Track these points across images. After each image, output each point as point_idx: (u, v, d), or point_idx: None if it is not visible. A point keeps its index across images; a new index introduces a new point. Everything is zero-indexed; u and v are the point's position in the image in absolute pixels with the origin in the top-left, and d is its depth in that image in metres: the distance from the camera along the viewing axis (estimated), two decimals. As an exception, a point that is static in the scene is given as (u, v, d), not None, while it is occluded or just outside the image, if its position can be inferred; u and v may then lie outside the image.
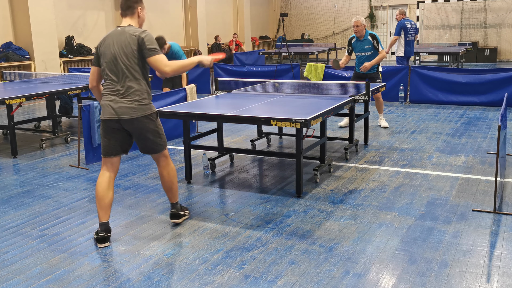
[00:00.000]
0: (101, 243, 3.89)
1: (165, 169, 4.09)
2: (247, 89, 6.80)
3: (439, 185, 5.13)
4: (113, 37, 3.87)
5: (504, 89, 9.40)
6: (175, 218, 4.26)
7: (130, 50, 3.80)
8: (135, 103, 3.82)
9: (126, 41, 3.80)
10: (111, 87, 3.86)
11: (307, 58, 17.08)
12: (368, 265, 3.49)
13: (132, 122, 3.84)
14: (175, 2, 17.33)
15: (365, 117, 6.93)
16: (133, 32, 3.82)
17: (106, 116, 3.87)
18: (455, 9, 19.62)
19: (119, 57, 3.81)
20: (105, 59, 3.87)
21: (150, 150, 4.01)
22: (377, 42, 7.44)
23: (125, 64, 3.81)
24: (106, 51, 3.87)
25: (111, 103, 3.84)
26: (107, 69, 3.87)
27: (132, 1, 3.94)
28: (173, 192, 4.20)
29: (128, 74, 3.82)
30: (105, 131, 3.93)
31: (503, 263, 3.48)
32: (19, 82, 8.51)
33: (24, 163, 6.30)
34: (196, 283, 3.30)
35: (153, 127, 3.92)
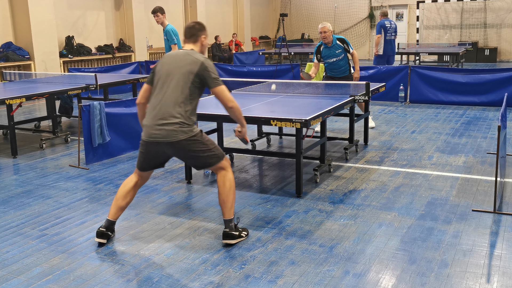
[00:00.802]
0: (98, 237, 3.89)
1: (221, 179, 3.85)
2: (247, 89, 6.81)
3: (439, 185, 5.13)
4: (173, 56, 3.84)
5: (504, 89, 9.40)
6: (228, 239, 3.85)
7: (187, 71, 3.70)
8: (178, 126, 3.67)
9: (185, 62, 3.74)
10: (155, 106, 3.75)
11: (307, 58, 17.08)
12: (368, 265, 3.49)
13: (174, 145, 3.70)
14: (175, 2, 17.33)
15: (365, 117, 6.93)
16: (197, 56, 3.77)
17: (146, 138, 3.76)
18: (455, 9, 19.62)
19: (173, 75, 3.73)
20: (158, 76, 3.82)
21: (205, 165, 3.87)
22: (347, 45, 7.25)
23: (178, 84, 3.71)
24: (161, 69, 3.82)
25: (151, 124, 3.73)
26: (157, 86, 3.79)
27: (196, 29, 3.92)
28: (227, 207, 3.85)
29: (178, 95, 3.70)
30: (143, 149, 3.84)
31: (503, 263, 3.48)
32: (19, 82, 8.51)
33: (24, 163, 6.30)
34: (196, 283, 3.30)
35: (200, 146, 3.75)
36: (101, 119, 6.18)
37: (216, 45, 17.81)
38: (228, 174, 3.86)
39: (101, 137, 6.21)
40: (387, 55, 11.46)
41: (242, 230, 3.99)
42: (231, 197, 3.85)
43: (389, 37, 11.34)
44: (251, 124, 7.69)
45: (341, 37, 7.37)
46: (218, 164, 3.85)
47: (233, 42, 18.87)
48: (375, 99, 10.10)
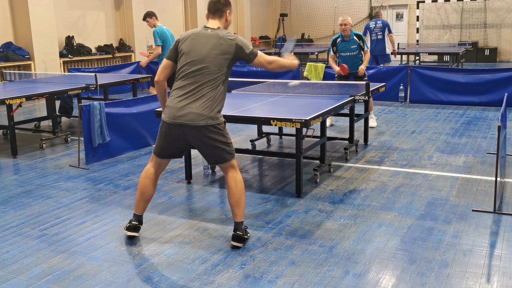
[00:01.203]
0: (130, 231, 3.91)
1: (233, 179, 3.78)
2: (247, 89, 6.81)
3: (439, 185, 5.13)
4: (202, 37, 3.70)
5: (504, 89, 9.40)
6: (237, 241, 3.80)
7: (222, 54, 3.65)
8: (208, 109, 3.62)
9: (217, 43, 3.66)
10: (183, 89, 3.67)
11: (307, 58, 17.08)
12: (368, 265, 3.49)
13: (200, 129, 3.63)
14: (175, 2, 17.33)
15: (365, 117, 6.93)
16: (229, 36, 3.69)
17: (170, 119, 3.68)
18: (455, 9, 19.62)
19: (205, 56, 3.64)
20: (187, 58, 3.68)
21: (218, 159, 3.76)
22: (363, 42, 7.50)
23: (211, 67, 3.63)
24: (190, 50, 3.68)
25: (177, 105, 3.66)
26: (186, 69, 3.68)
27: (222, 4, 3.81)
28: (240, 208, 3.78)
29: (211, 78, 3.64)
30: (164, 133, 3.76)
31: (503, 263, 3.48)
32: (19, 82, 8.51)
33: (24, 163, 6.30)
34: (196, 283, 3.30)
35: (220, 137, 3.70)
36: (101, 119, 6.18)
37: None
38: (238, 175, 3.81)
39: (101, 137, 6.21)
40: (374, 55, 11.51)
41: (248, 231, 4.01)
42: (243, 199, 3.81)
43: (374, 37, 11.39)
44: (251, 124, 7.72)
45: (358, 34, 7.55)
46: (231, 162, 3.79)
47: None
48: (375, 99, 10.09)
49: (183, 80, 3.70)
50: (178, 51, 3.77)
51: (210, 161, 3.84)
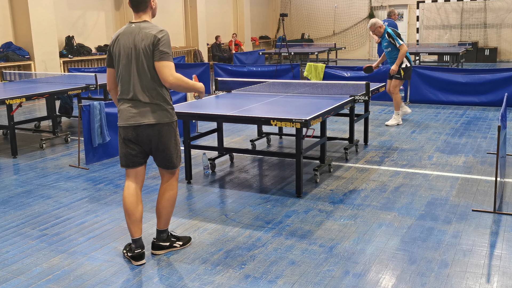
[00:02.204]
0: (137, 261, 3.57)
1: (164, 188, 3.66)
2: (247, 89, 6.81)
3: (439, 185, 5.13)
4: (127, 35, 3.48)
5: (504, 89, 9.39)
6: (155, 249, 3.73)
7: (145, 46, 3.40)
8: (156, 106, 3.46)
9: (141, 38, 3.42)
10: (126, 88, 3.50)
11: (307, 58, 17.07)
12: (368, 265, 3.49)
13: (153, 128, 3.46)
14: (175, 2, 17.33)
15: (365, 117, 6.93)
16: (150, 29, 3.44)
17: (123, 122, 3.51)
18: (455, 9, 19.61)
19: (134, 54, 3.43)
20: (120, 60, 3.49)
21: (166, 164, 3.60)
22: (392, 39, 7.76)
23: (142, 65, 3.43)
24: (120, 51, 3.49)
25: (127, 108, 3.49)
26: (123, 71, 3.49)
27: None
28: (162, 217, 3.67)
29: (145, 73, 3.43)
30: (123, 140, 3.55)
31: (503, 263, 3.48)
32: (19, 82, 8.51)
33: (24, 163, 6.30)
34: (196, 283, 3.30)
35: (173, 138, 3.56)
36: (101, 119, 6.18)
37: (216, 45, 17.81)
38: (174, 184, 3.67)
39: (101, 137, 6.22)
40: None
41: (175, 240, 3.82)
42: (170, 209, 3.67)
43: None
44: (251, 124, 7.72)
45: (388, 31, 7.83)
46: (174, 170, 3.65)
47: (233, 42, 18.87)
48: (375, 99, 10.09)
49: (122, 83, 3.52)
50: (112, 57, 3.57)
51: (158, 164, 3.63)
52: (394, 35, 7.72)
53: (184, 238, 3.89)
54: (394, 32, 7.75)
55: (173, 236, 3.84)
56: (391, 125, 8.03)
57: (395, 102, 8.06)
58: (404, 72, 7.85)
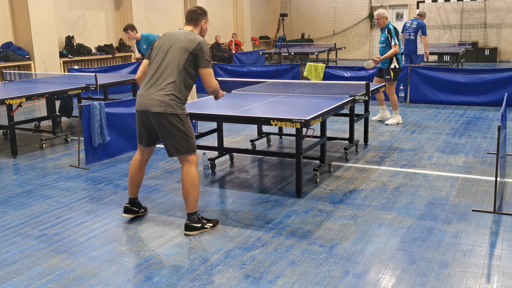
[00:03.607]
0: (124, 213, 4.32)
1: (184, 173, 3.98)
2: (247, 89, 6.81)
3: (439, 185, 5.13)
4: (172, 33, 4.01)
5: (504, 89, 9.40)
6: (188, 230, 4.05)
7: (184, 47, 3.87)
8: (167, 97, 3.84)
9: (184, 39, 3.91)
10: (150, 76, 3.95)
11: (307, 58, 17.08)
12: (368, 265, 3.49)
13: (160, 116, 3.85)
14: (175, 2, 17.33)
15: (365, 117, 6.93)
16: (195, 37, 3.93)
17: (137, 106, 3.99)
18: (455, 9, 19.61)
19: (170, 49, 3.90)
20: (156, 50, 3.99)
21: (174, 151, 3.95)
22: (391, 35, 7.66)
23: (173, 58, 3.88)
24: (160, 44, 4.00)
25: (144, 93, 3.92)
26: (155, 59, 3.97)
27: (198, 14, 4.09)
28: (189, 201, 4.01)
29: (172, 68, 3.88)
30: (137, 121, 4.08)
31: (503, 263, 3.48)
32: (19, 82, 8.51)
33: (24, 163, 6.30)
34: (196, 283, 3.30)
35: (181, 127, 3.90)
36: (101, 119, 6.18)
37: (216, 45, 17.81)
38: (192, 170, 3.97)
39: (101, 137, 6.22)
40: (407, 54, 11.63)
41: (206, 221, 4.15)
42: (194, 193, 3.99)
43: (407, 36, 11.46)
44: (251, 124, 7.72)
45: (390, 27, 7.73)
46: (186, 156, 3.97)
47: (233, 42, 18.87)
48: (375, 99, 10.09)
49: (150, 70, 4.01)
50: (151, 49, 4.09)
51: (167, 152, 4.01)
52: (394, 33, 7.69)
53: (214, 220, 4.22)
54: (394, 31, 7.73)
55: (204, 218, 4.18)
56: (391, 124, 8.04)
57: (392, 102, 8.05)
58: (393, 72, 7.83)
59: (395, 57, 7.76)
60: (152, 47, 4.06)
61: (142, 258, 3.67)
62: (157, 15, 16.38)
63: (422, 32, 11.29)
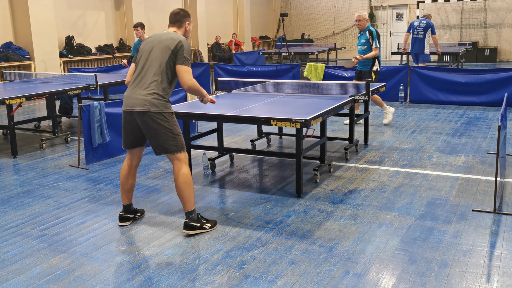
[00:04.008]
0: (119, 221, 4.26)
1: (176, 172, 3.97)
2: (247, 89, 6.81)
3: (439, 185, 5.13)
4: (156, 35, 4.08)
5: (504, 89, 9.40)
6: (187, 229, 4.03)
7: (166, 46, 3.91)
8: (150, 96, 3.87)
9: (166, 39, 3.95)
10: (135, 77, 4.00)
11: (307, 58, 17.08)
12: (368, 265, 3.49)
13: (143, 115, 3.88)
14: (175, 2, 17.33)
15: (365, 117, 6.93)
16: (177, 36, 3.98)
17: (123, 107, 4.03)
18: (455, 9, 19.61)
19: (153, 49, 3.96)
20: (141, 52, 4.05)
21: (161, 150, 3.95)
22: (372, 38, 7.57)
23: (155, 57, 3.93)
24: (144, 46, 4.06)
25: (129, 94, 3.97)
26: (139, 61, 4.03)
27: (181, 16, 4.13)
28: (184, 200, 4.00)
29: (154, 67, 3.92)
30: (123, 122, 4.09)
31: (503, 263, 3.48)
32: (19, 82, 8.51)
33: (24, 163, 6.30)
34: (196, 283, 3.30)
35: (166, 125, 3.90)
36: (101, 119, 6.18)
37: (216, 45, 17.80)
38: (183, 168, 3.96)
39: (101, 137, 6.22)
40: (414, 53, 11.72)
41: (205, 221, 4.13)
42: (187, 191, 3.97)
43: (415, 35, 11.57)
44: (251, 124, 7.72)
45: (371, 29, 7.63)
46: (175, 154, 3.96)
47: (232, 42, 18.87)
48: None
49: (135, 72, 4.05)
50: (137, 53, 4.15)
51: (154, 151, 4.01)
52: (375, 36, 7.61)
53: (212, 221, 4.20)
54: (376, 34, 7.63)
55: (203, 217, 4.17)
56: (389, 122, 8.01)
57: (377, 102, 7.93)
58: (375, 75, 7.79)
59: (376, 60, 7.69)
60: (138, 51, 4.12)
61: (142, 258, 3.67)
62: (157, 15, 16.38)
63: (432, 32, 11.39)
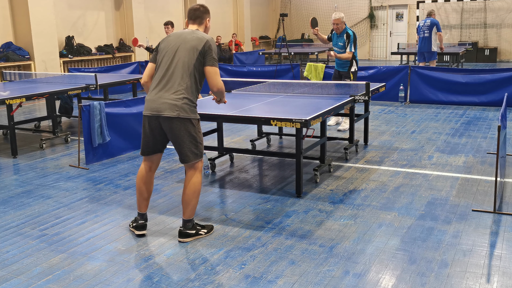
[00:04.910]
0: (139, 230, 4.03)
1: (188, 180, 3.86)
2: (247, 89, 6.81)
3: (439, 185, 5.13)
4: (178, 34, 3.87)
5: (504, 89, 9.40)
6: (182, 237, 3.93)
7: (193, 46, 3.74)
8: (181, 101, 3.69)
9: (191, 39, 3.78)
10: (158, 79, 3.79)
11: (307, 58, 17.07)
12: (368, 265, 3.49)
13: (172, 121, 3.70)
14: (175, 2, 17.33)
15: (365, 117, 6.93)
16: (203, 35, 3.81)
17: (147, 111, 3.80)
18: (455, 9, 19.61)
19: (178, 50, 3.76)
20: (163, 52, 3.84)
21: (184, 157, 3.82)
22: (348, 42, 7.40)
23: (182, 58, 3.74)
24: (166, 46, 3.85)
25: (154, 98, 3.76)
26: (162, 61, 3.81)
27: (202, 12, 3.98)
28: (187, 208, 3.87)
29: (183, 69, 3.74)
30: (143, 128, 3.87)
31: (503, 263, 3.48)
32: (19, 82, 8.51)
33: (24, 163, 6.30)
34: (196, 283, 3.30)
35: (192, 132, 3.76)
36: (101, 119, 6.18)
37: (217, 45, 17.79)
38: (196, 178, 3.85)
39: (101, 137, 6.21)
40: (421, 52, 11.78)
41: (200, 228, 4.02)
42: (194, 200, 3.88)
43: (422, 35, 11.64)
44: (251, 124, 7.72)
45: (349, 33, 7.45)
46: (194, 162, 3.84)
47: (232, 42, 18.87)
48: (375, 99, 10.10)
49: (159, 73, 3.84)
50: (158, 52, 3.93)
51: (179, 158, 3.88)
52: (352, 40, 7.37)
53: (208, 226, 4.11)
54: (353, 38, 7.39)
55: (198, 224, 4.05)
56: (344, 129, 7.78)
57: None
58: (353, 76, 7.68)
59: (354, 61, 7.51)
60: (158, 50, 3.91)
61: (142, 258, 3.67)
62: (157, 15, 16.38)
63: (438, 28, 11.43)
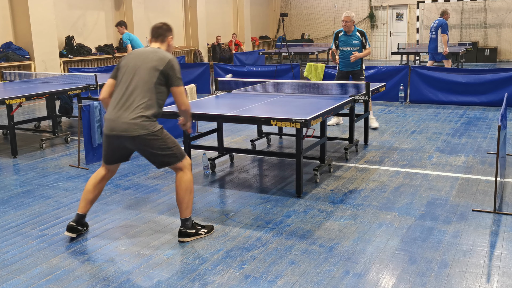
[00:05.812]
0: (67, 231, 3.98)
1: (178, 180, 3.88)
2: (247, 89, 6.81)
3: (439, 185, 5.13)
4: (140, 52, 3.88)
5: (504, 89, 9.39)
6: (182, 237, 3.93)
7: (153, 66, 3.74)
8: (139, 119, 3.69)
9: (152, 58, 3.78)
10: (118, 98, 3.78)
11: (307, 58, 17.08)
12: (368, 265, 3.49)
13: (134, 139, 3.72)
14: (175, 2, 17.33)
15: (365, 117, 6.93)
16: (164, 55, 3.81)
17: (107, 131, 3.81)
18: (455, 9, 19.62)
19: (139, 69, 3.76)
20: (123, 70, 3.84)
21: (163, 164, 3.86)
22: (365, 39, 7.52)
23: (142, 77, 3.74)
24: (127, 63, 3.85)
25: (113, 117, 3.75)
26: (122, 79, 3.81)
27: (164, 30, 3.98)
28: (182, 207, 3.90)
29: (142, 88, 3.73)
30: (104, 143, 3.92)
31: (503, 263, 3.48)
32: (19, 82, 8.51)
33: (24, 163, 6.30)
34: (196, 283, 3.30)
35: (159, 144, 3.76)
36: (101, 119, 6.18)
37: (216, 45, 17.80)
38: (185, 176, 3.87)
39: (101, 137, 6.21)
40: (430, 53, 11.82)
41: (200, 227, 4.03)
42: (187, 198, 3.89)
43: (431, 35, 11.64)
44: (251, 124, 7.72)
45: (362, 31, 7.56)
46: (177, 164, 3.87)
47: (232, 42, 18.87)
48: (375, 99, 10.10)
49: (118, 92, 3.82)
50: (118, 68, 3.92)
51: (156, 166, 3.92)
52: (367, 36, 7.50)
53: (208, 226, 4.11)
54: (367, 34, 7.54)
55: (198, 224, 4.06)
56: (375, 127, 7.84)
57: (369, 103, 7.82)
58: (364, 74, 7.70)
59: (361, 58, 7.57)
60: (119, 67, 3.90)
61: (142, 258, 3.67)
62: (157, 15, 16.37)
63: (442, 30, 11.26)
